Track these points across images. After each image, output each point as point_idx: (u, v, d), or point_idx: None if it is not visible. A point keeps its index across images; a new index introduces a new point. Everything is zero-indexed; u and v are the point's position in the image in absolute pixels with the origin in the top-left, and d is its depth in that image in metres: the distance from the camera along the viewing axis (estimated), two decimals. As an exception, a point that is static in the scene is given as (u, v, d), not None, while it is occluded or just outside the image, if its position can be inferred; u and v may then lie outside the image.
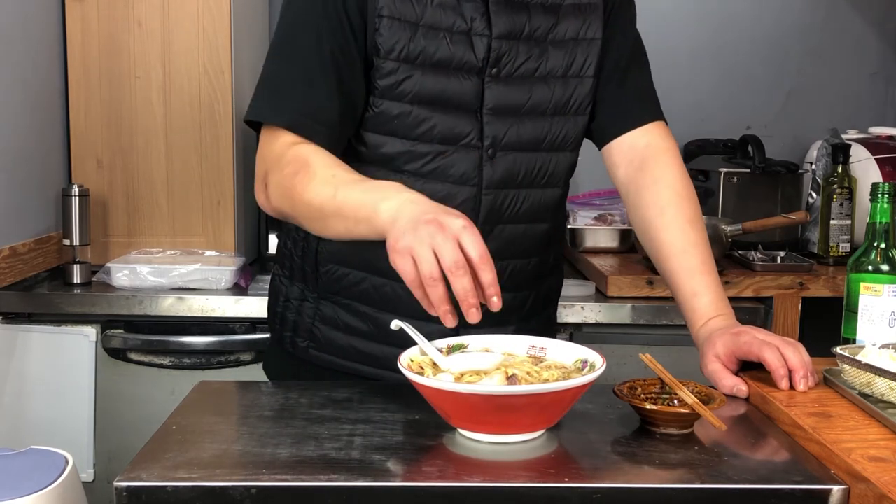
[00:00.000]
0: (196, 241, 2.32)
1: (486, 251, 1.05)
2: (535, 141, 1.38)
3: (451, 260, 1.02)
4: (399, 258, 1.06)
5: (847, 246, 2.36)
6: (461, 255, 1.03)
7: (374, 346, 1.40)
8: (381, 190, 1.16)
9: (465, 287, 1.03)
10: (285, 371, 1.50)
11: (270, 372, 1.57)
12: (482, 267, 1.04)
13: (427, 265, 1.03)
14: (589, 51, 1.40)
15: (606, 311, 2.13)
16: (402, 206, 1.10)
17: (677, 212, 1.38)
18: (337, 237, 1.25)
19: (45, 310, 2.13)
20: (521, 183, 1.38)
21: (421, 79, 1.31)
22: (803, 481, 0.96)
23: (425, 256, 1.03)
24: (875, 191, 1.39)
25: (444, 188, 1.34)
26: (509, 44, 1.34)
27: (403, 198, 1.12)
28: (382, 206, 1.12)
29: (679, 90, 2.68)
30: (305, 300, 1.45)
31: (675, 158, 1.44)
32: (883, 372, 1.11)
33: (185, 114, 2.29)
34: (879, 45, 2.94)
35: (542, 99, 1.37)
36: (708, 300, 1.33)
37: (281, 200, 1.28)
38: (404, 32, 1.29)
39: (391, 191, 1.15)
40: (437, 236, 1.04)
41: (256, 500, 0.93)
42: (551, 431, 1.07)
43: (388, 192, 1.15)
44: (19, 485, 1.41)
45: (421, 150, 1.33)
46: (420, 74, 1.31)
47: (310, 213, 1.24)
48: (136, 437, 1.25)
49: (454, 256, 1.03)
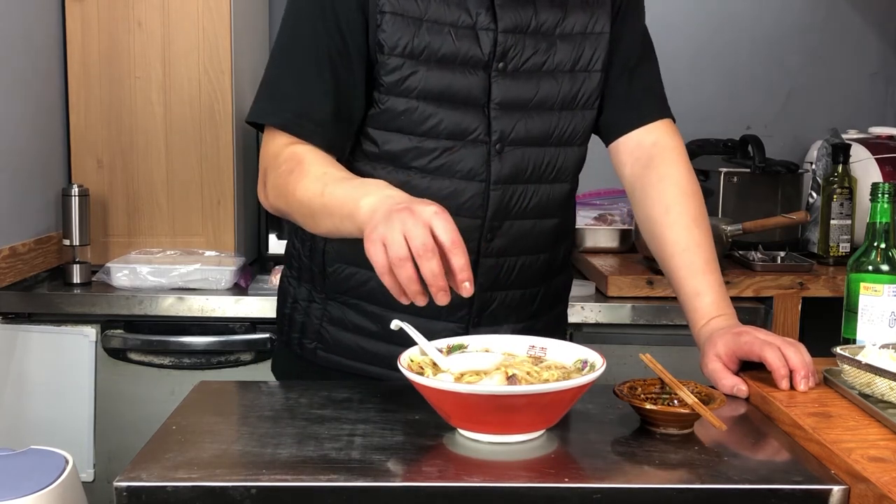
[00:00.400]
0: (196, 241, 2.32)
1: (458, 236, 1.04)
2: (544, 135, 1.37)
3: (419, 242, 1.02)
4: (371, 246, 1.06)
5: (847, 246, 2.36)
6: (431, 239, 1.03)
7: (381, 346, 1.39)
8: (363, 187, 1.17)
9: (432, 269, 1.02)
10: (293, 372, 1.50)
11: (278, 373, 1.57)
12: (453, 251, 1.04)
13: (396, 247, 1.03)
14: (597, 45, 1.39)
15: (606, 311, 2.13)
16: (380, 201, 1.11)
17: (682, 210, 1.38)
18: (328, 235, 1.25)
19: (45, 310, 2.13)
20: (529, 178, 1.38)
21: (426, 74, 1.30)
22: (803, 481, 0.96)
23: (395, 239, 1.03)
24: (875, 191, 1.39)
25: (451, 184, 1.34)
26: (515, 38, 1.33)
27: (383, 193, 1.12)
28: (363, 202, 1.13)
29: (679, 90, 2.66)
30: (313, 301, 1.45)
31: (682, 156, 1.44)
32: (883, 372, 1.11)
33: (185, 114, 2.29)
34: (879, 45, 2.94)
35: (550, 93, 1.37)
36: (710, 300, 1.32)
37: (277, 198, 1.30)
38: (408, 28, 1.29)
39: (373, 187, 1.16)
40: (407, 221, 1.04)
41: (256, 500, 0.93)
42: (551, 431, 1.07)
43: (370, 189, 1.15)
44: (19, 485, 1.41)
45: (428, 146, 1.33)
46: (425, 70, 1.30)
47: (301, 210, 1.25)
48: (136, 437, 1.25)
49: (422, 239, 1.02)
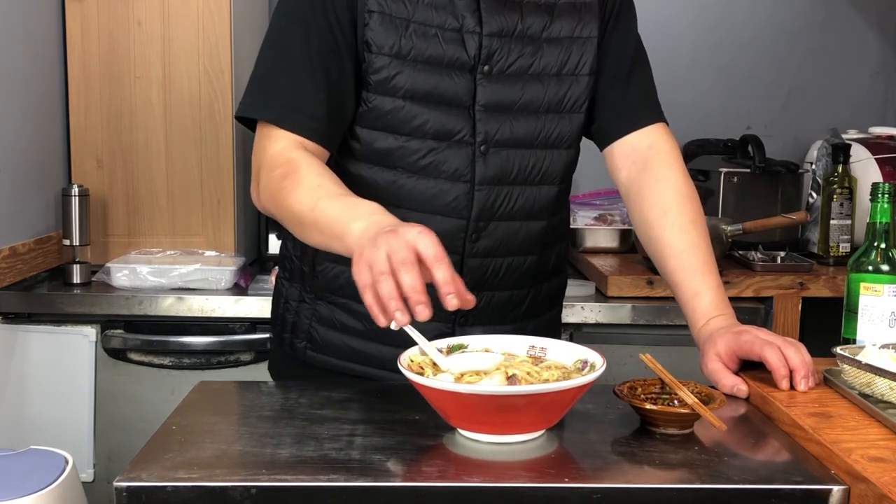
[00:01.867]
0: (196, 241, 2.32)
1: (441, 251, 1.04)
2: (529, 138, 1.38)
3: (399, 258, 1.03)
4: (357, 268, 1.06)
5: (847, 246, 2.36)
6: (413, 255, 1.03)
7: (370, 346, 1.40)
8: (355, 209, 1.17)
9: (412, 282, 1.02)
10: (285, 372, 1.51)
11: (273, 373, 1.58)
12: (436, 265, 1.04)
13: (378, 264, 1.03)
14: (584, 49, 1.40)
15: (606, 311, 2.13)
16: (369, 226, 1.10)
17: (679, 212, 1.39)
18: (315, 246, 1.25)
19: (45, 310, 2.13)
20: (514, 180, 1.38)
21: (413, 75, 1.31)
22: (803, 481, 0.96)
23: (378, 258, 1.04)
24: (875, 191, 1.39)
25: (436, 184, 1.35)
26: (501, 41, 1.34)
27: (373, 219, 1.13)
28: (353, 226, 1.13)
29: (679, 90, 2.68)
30: (303, 301, 1.46)
31: (677, 159, 1.44)
32: (883, 372, 1.11)
33: (185, 114, 2.29)
34: (879, 45, 2.94)
35: (536, 96, 1.37)
36: (709, 300, 1.33)
37: (268, 201, 1.30)
38: (395, 29, 1.30)
39: (364, 211, 1.16)
40: (391, 241, 1.04)
41: (256, 500, 0.93)
42: (551, 431, 1.07)
43: (361, 212, 1.15)
44: (19, 485, 1.41)
45: (413, 145, 1.33)
46: (412, 70, 1.31)
47: (292, 219, 1.25)
48: (136, 437, 1.25)
49: (403, 254, 1.03)
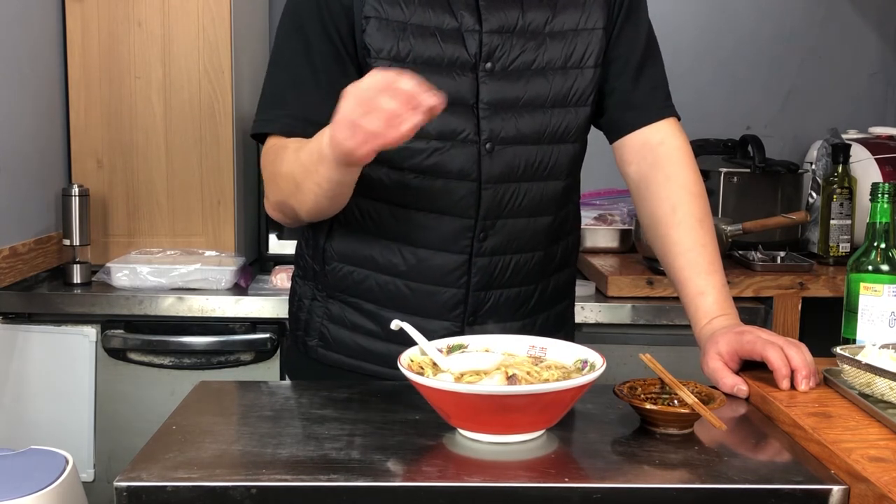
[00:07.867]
0: (196, 241, 2.32)
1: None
2: (535, 134, 1.37)
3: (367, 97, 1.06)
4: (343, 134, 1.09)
5: (847, 246, 2.36)
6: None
7: (380, 345, 1.40)
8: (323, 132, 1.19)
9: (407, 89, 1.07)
10: (297, 369, 1.53)
11: (288, 372, 1.60)
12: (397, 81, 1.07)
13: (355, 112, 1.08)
14: (589, 41, 1.39)
15: (606, 311, 2.13)
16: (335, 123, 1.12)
17: (688, 210, 1.38)
18: (315, 203, 1.26)
19: (45, 310, 2.13)
20: (521, 177, 1.38)
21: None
22: (803, 481, 0.96)
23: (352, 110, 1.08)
24: (875, 191, 1.39)
25: (444, 184, 1.34)
26: (502, 38, 1.33)
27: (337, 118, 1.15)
28: (324, 136, 1.16)
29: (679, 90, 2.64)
30: (315, 299, 1.46)
31: (689, 156, 1.43)
32: (883, 372, 1.11)
33: (185, 114, 2.29)
34: (879, 45, 2.94)
35: (540, 92, 1.37)
36: (713, 299, 1.33)
37: (271, 190, 1.32)
38: (392, 33, 1.30)
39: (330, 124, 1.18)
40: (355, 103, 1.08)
41: (256, 500, 0.93)
42: (551, 431, 1.07)
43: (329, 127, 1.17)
44: (19, 485, 1.41)
45: (418, 146, 1.33)
46: (412, 73, 1.31)
47: (289, 186, 1.27)
48: (136, 437, 1.25)
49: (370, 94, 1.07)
